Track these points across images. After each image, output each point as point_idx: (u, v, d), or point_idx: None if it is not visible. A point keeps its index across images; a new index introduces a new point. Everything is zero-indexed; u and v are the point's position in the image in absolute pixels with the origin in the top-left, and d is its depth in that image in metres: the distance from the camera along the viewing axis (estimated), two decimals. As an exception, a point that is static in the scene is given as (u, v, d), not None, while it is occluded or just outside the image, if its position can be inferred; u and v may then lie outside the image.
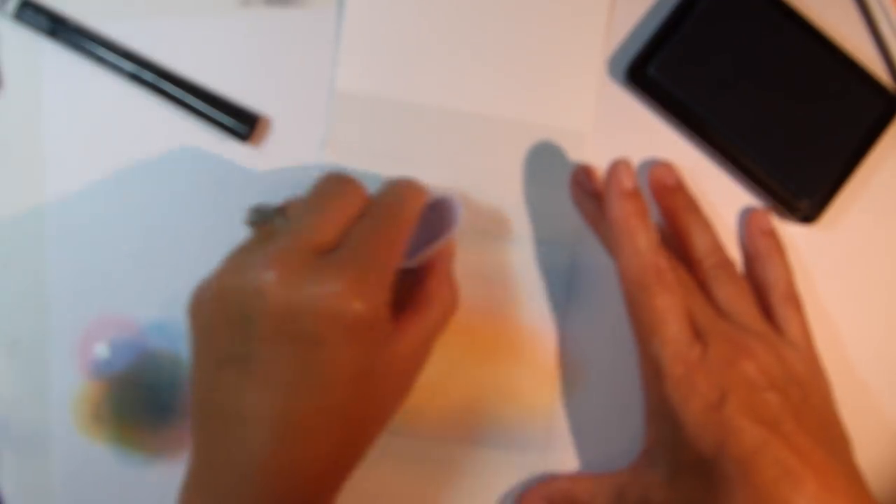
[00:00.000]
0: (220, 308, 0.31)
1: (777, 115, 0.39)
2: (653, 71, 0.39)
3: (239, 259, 0.32)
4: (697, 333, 0.35)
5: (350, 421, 0.32)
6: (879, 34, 0.40)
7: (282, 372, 0.31)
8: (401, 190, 0.34)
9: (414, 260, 0.34)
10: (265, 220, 0.33)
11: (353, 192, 0.33)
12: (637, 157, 0.40)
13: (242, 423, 0.31)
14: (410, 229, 0.34)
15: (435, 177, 0.39)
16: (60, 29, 0.38)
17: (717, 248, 0.38)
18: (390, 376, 0.33)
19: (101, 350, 0.39)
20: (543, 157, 0.40)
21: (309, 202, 0.33)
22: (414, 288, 0.35)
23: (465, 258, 0.39)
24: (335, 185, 0.34)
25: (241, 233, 0.40)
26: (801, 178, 0.39)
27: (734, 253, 0.40)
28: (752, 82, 0.39)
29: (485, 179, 0.40)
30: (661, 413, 0.35)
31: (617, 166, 0.36)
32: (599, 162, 0.40)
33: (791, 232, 0.40)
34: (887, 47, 0.40)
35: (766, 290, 0.38)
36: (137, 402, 0.40)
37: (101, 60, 0.39)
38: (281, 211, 0.33)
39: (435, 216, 0.35)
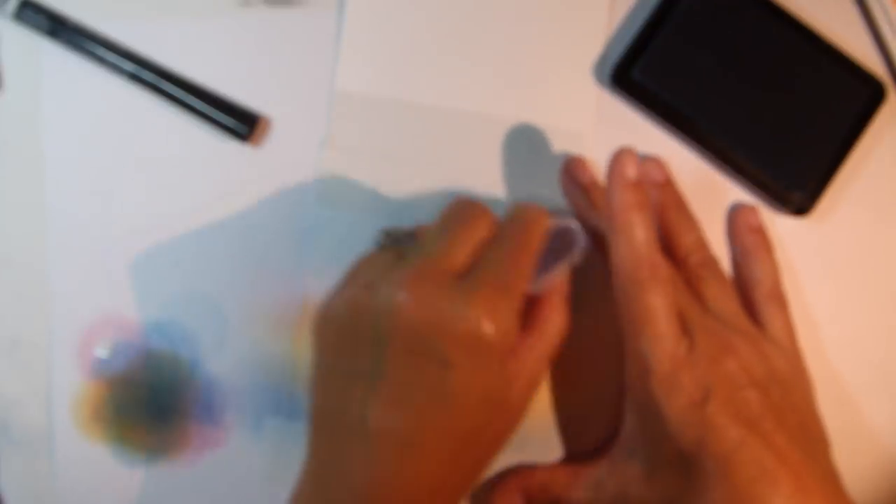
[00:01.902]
0: (350, 325, 0.32)
1: (764, 109, 0.39)
2: (637, 74, 0.39)
3: (370, 277, 0.32)
4: (685, 329, 0.34)
5: (472, 443, 0.32)
6: (879, 34, 0.40)
7: (411, 392, 0.31)
8: (527, 216, 0.35)
9: (540, 284, 0.34)
10: (396, 243, 0.34)
11: (483, 216, 0.34)
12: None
13: (366, 439, 0.31)
14: (537, 255, 0.34)
15: (435, 177, 0.39)
16: (60, 29, 0.38)
17: (702, 245, 0.38)
18: (511, 399, 0.33)
19: (102, 350, 0.39)
20: (543, 157, 0.40)
21: (440, 227, 0.34)
22: (529, 311, 0.35)
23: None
24: (465, 210, 0.34)
25: (240, 232, 0.40)
26: (793, 171, 0.39)
27: (725, 251, 0.40)
28: (737, 78, 0.39)
29: (485, 179, 0.40)
30: (644, 407, 0.35)
31: (621, 155, 0.36)
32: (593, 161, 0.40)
33: (785, 225, 0.41)
34: (887, 47, 0.40)
35: (751, 287, 0.38)
36: (138, 402, 0.40)
37: (101, 60, 0.39)
38: (412, 235, 0.34)
39: (555, 243, 0.36)
